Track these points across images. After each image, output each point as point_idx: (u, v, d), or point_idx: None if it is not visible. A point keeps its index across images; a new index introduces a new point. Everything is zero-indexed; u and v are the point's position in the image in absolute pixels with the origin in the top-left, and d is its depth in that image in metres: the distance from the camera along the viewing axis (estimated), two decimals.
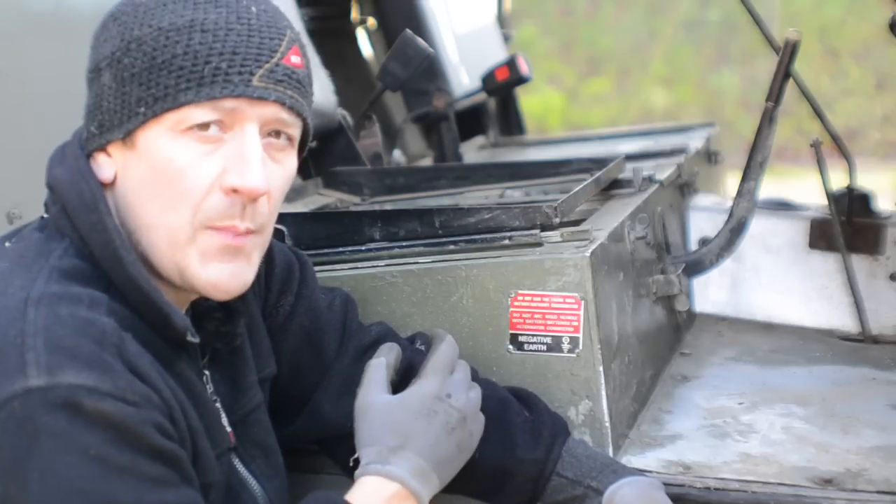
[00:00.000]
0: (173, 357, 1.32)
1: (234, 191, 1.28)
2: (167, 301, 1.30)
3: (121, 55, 1.29)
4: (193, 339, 1.33)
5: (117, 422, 1.17)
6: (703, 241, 2.17)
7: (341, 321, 1.57)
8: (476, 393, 1.46)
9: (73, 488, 1.15)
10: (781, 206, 2.36)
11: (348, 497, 1.33)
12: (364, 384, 1.45)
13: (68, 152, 1.34)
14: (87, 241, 1.29)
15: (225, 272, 1.31)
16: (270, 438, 1.48)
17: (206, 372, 1.40)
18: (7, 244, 1.34)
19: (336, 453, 1.53)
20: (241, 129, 1.29)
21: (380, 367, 1.46)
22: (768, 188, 2.23)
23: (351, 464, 1.39)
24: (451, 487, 1.45)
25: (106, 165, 1.32)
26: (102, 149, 1.31)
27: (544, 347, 1.58)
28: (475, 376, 1.53)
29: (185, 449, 1.25)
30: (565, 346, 1.58)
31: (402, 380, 1.48)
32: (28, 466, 1.15)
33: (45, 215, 1.36)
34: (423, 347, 1.55)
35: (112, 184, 1.32)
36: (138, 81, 1.28)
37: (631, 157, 2.25)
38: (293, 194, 2.17)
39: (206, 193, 1.28)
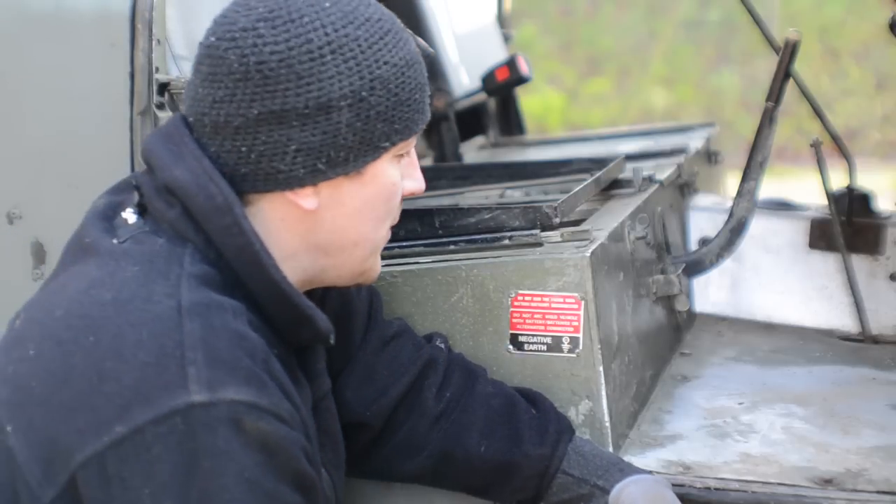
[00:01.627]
0: (291, 362, 1.35)
1: (411, 194, 1.42)
2: (310, 304, 1.33)
3: (366, 94, 1.30)
4: (333, 341, 1.38)
5: (273, 442, 1.19)
6: (703, 241, 2.17)
7: (367, 310, 1.59)
8: None
9: None
10: (781, 206, 2.36)
11: None
12: None
13: (185, 152, 1.30)
14: (219, 245, 1.28)
15: (379, 262, 1.44)
16: (337, 426, 1.50)
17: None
18: (115, 241, 1.30)
19: (351, 440, 1.54)
20: None
21: None
22: (768, 188, 2.23)
23: None
24: (457, 482, 1.47)
25: (310, 197, 1.32)
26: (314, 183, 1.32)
27: (544, 347, 1.59)
28: (484, 376, 1.55)
29: (315, 469, 1.28)
30: (565, 346, 1.58)
31: (419, 375, 1.54)
32: (186, 485, 1.16)
33: (135, 215, 1.33)
34: (442, 345, 1.59)
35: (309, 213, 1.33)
36: (382, 118, 1.32)
37: (631, 157, 2.25)
38: None
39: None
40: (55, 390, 1.20)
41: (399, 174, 1.38)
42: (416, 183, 1.42)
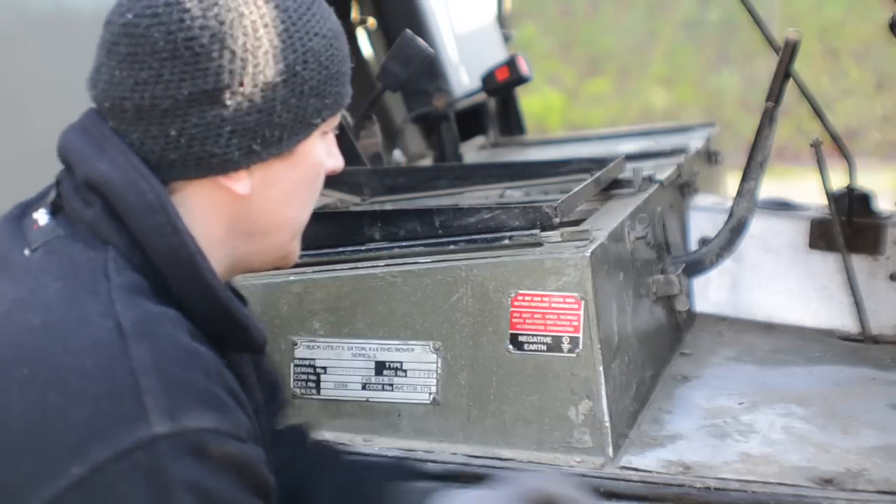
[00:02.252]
0: (233, 369, 1.27)
1: (332, 172, 1.34)
2: (245, 312, 1.27)
3: (299, 68, 1.24)
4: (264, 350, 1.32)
5: (239, 463, 1.13)
6: (703, 241, 2.17)
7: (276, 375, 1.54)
8: None
9: None
10: (781, 206, 2.36)
11: None
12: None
13: (108, 146, 1.21)
14: (146, 246, 1.19)
15: (299, 245, 1.37)
16: (267, 440, 1.45)
17: None
18: (27, 252, 1.21)
19: None
20: None
21: None
22: (768, 188, 2.23)
23: None
24: None
25: (244, 180, 1.25)
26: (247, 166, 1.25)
27: (544, 347, 1.59)
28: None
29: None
30: (565, 346, 1.58)
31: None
32: None
33: (47, 216, 1.24)
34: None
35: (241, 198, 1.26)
36: (315, 93, 1.25)
37: (631, 157, 2.26)
38: None
39: None
40: None
41: (325, 152, 1.32)
42: (337, 161, 1.35)
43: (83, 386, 1.09)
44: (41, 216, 1.24)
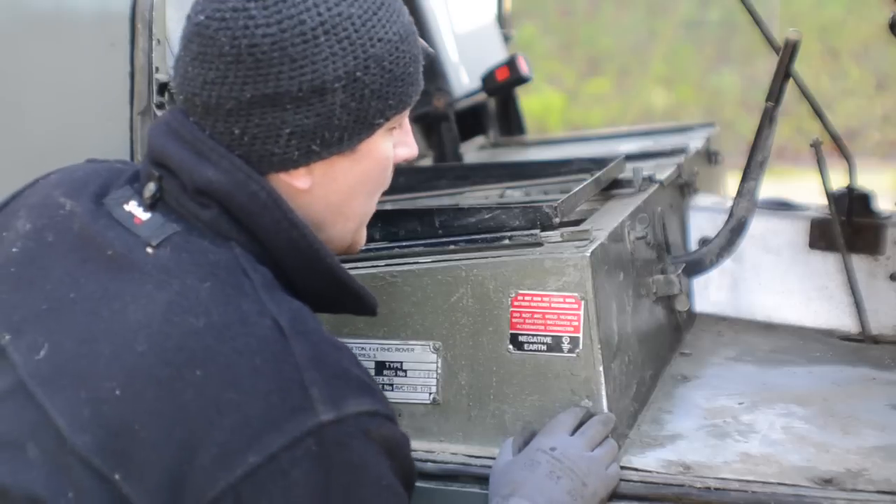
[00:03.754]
0: None
1: (405, 160, 1.41)
2: (360, 283, 1.37)
3: (360, 74, 1.27)
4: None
5: (395, 444, 1.22)
6: (703, 241, 2.17)
7: None
8: (612, 468, 1.50)
9: None
10: (781, 206, 2.36)
11: None
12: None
13: (207, 150, 1.27)
14: (268, 241, 1.28)
15: (365, 233, 1.45)
16: None
17: None
18: (150, 249, 1.25)
19: None
20: None
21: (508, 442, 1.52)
22: (768, 188, 2.23)
23: None
24: None
25: (303, 177, 1.31)
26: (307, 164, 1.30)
27: (544, 347, 1.58)
28: None
29: None
30: (565, 345, 1.58)
31: None
32: (329, 502, 1.16)
33: (146, 212, 1.27)
34: None
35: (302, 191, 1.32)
36: (377, 96, 1.30)
37: (631, 157, 2.25)
38: None
39: None
40: (168, 430, 1.15)
41: (391, 146, 1.38)
42: (409, 149, 1.41)
43: (255, 383, 1.16)
44: (136, 210, 1.28)
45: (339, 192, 1.34)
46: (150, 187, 1.29)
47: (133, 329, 1.19)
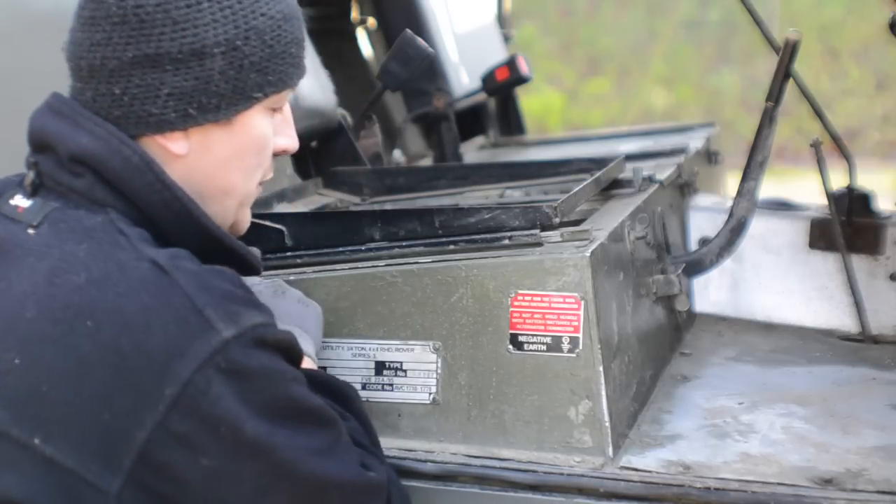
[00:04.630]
0: None
1: (283, 151, 1.45)
2: (240, 243, 1.40)
3: (240, 43, 1.33)
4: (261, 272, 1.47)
5: (288, 345, 1.31)
6: (703, 241, 2.17)
7: None
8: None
9: (301, 409, 1.28)
10: (781, 206, 2.36)
11: None
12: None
13: (81, 119, 1.33)
14: (142, 203, 1.32)
15: (249, 215, 1.49)
16: None
17: None
18: (31, 230, 1.30)
19: None
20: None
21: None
22: (768, 188, 2.23)
23: None
24: None
25: (179, 141, 1.35)
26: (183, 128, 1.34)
27: (544, 347, 1.58)
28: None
29: None
30: (565, 346, 1.58)
31: None
32: (253, 405, 1.23)
33: (27, 199, 1.33)
34: None
35: (178, 157, 1.36)
36: (256, 69, 1.35)
37: (631, 157, 2.25)
38: (293, 194, 2.17)
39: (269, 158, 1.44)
40: (76, 385, 1.20)
41: (271, 128, 1.41)
42: (289, 140, 1.46)
43: (148, 319, 1.21)
44: (20, 200, 1.34)
45: (215, 164, 1.38)
46: (30, 176, 1.35)
47: (20, 300, 1.24)
